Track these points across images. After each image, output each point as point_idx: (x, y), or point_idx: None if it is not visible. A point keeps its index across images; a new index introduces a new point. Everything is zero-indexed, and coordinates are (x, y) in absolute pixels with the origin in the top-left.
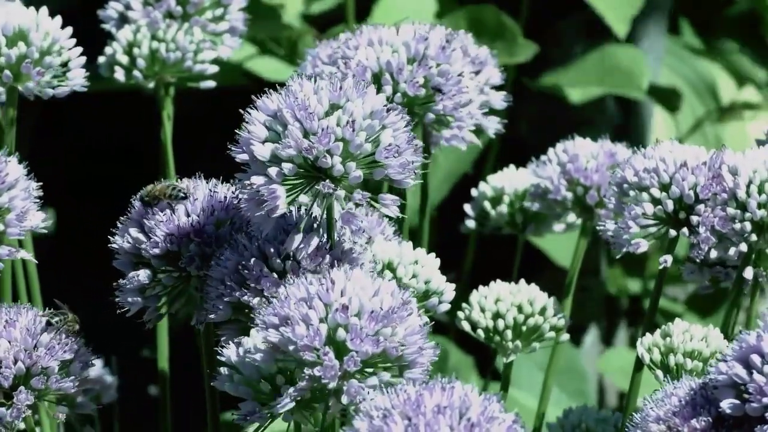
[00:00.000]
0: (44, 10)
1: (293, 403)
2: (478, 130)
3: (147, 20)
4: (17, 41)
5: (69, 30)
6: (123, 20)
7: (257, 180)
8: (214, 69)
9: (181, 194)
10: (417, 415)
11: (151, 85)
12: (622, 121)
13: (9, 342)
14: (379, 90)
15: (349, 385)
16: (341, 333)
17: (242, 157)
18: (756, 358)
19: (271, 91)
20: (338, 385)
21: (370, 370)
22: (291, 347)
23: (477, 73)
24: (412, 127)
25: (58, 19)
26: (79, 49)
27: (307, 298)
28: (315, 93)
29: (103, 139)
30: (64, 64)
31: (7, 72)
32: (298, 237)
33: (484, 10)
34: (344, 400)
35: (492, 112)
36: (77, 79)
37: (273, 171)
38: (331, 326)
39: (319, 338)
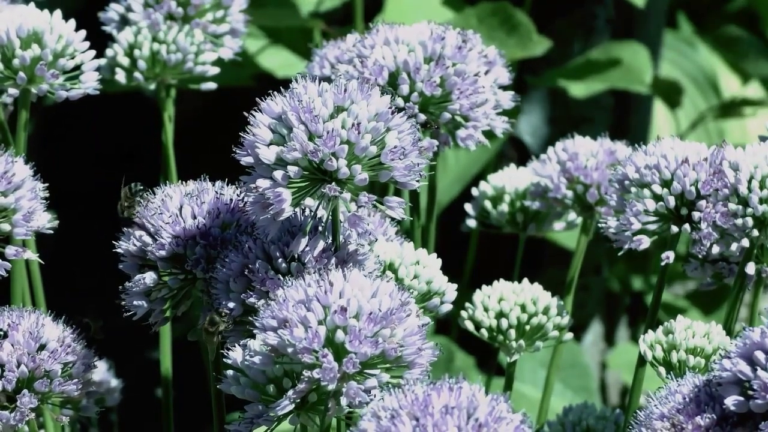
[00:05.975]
0: (58, 12)
1: (293, 405)
2: (489, 131)
3: (148, 22)
4: (31, 43)
5: (83, 33)
6: (124, 22)
7: (263, 183)
8: (215, 70)
9: (139, 190)
10: (425, 415)
11: (152, 86)
12: (623, 119)
13: (12, 345)
14: (395, 89)
15: (348, 387)
16: (340, 335)
17: (247, 160)
18: (760, 355)
19: (275, 93)
20: (337, 387)
21: (370, 371)
22: (290, 350)
23: (486, 72)
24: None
25: (72, 21)
26: (93, 52)
27: (305, 301)
28: (320, 95)
29: (106, 140)
30: (77, 67)
31: (21, 74)
32: (304, 240)
33: (497, 6)
34: (343, 401)
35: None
36: (90, 82)
37: (278, 174)
38: (329, 328)
39: (317, 340)
